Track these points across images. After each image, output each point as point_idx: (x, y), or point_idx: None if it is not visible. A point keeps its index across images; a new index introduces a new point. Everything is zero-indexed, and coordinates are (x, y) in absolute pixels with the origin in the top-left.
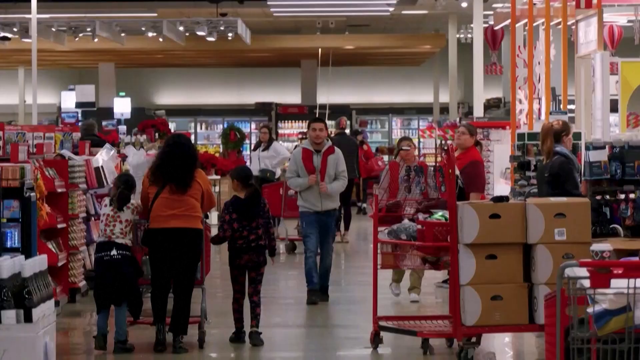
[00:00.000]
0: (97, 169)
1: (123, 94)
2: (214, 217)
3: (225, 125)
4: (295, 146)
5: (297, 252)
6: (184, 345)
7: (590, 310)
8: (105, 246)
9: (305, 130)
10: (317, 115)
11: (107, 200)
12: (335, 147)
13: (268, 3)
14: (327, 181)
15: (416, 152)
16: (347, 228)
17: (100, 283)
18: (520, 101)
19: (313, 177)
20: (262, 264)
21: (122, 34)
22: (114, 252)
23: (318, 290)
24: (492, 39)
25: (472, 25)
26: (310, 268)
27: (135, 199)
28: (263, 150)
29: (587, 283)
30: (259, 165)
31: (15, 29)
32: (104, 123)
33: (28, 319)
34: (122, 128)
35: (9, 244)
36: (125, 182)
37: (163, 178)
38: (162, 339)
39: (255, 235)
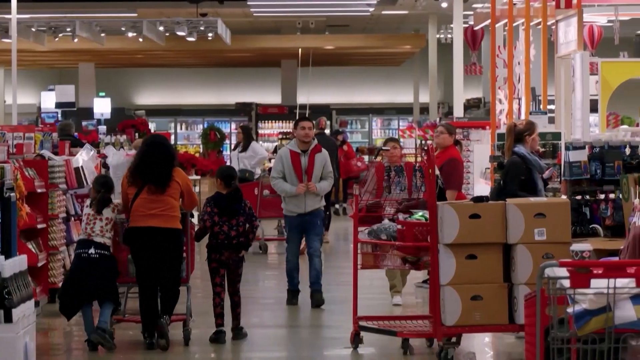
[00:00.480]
0: (77, 169)
1: (103, 94)
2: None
3: (205, 126)
4: (276, 147)
5: (269, 253)
6: (168, 323)
7: (570, 310)
8: (84, 244)
9: (285, 130)
10: (297, 116)
11: (87, 202)
12: (322, 147)
13: (248, 3)
14: (314, 181)
15: (404, 151)
16: (326, 228)
17: (75, 278)
18: (500, 101)
19: (302, 187)
20: (241, 262)
21: (102, 34)
22: (92, 250)
23: (298, 291)
24: (472, 39)
25: (452, 26)
26: (290, 269)
27: (116, 199)
28: (241, 151)
29: (567, 283)
30: (238, 165)
31: None
32: (84, 123)
33: (8, 319)
34: (102, 128)
35: None
36: (104, 185)
37: (141, 178)
38: (150, 343)
39: (236, 232)
